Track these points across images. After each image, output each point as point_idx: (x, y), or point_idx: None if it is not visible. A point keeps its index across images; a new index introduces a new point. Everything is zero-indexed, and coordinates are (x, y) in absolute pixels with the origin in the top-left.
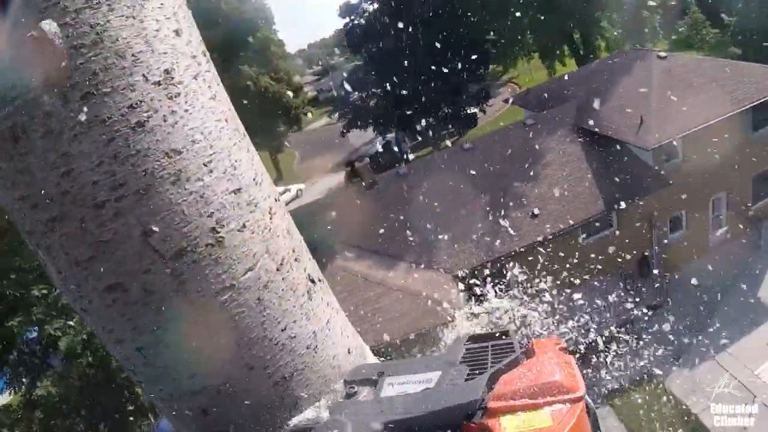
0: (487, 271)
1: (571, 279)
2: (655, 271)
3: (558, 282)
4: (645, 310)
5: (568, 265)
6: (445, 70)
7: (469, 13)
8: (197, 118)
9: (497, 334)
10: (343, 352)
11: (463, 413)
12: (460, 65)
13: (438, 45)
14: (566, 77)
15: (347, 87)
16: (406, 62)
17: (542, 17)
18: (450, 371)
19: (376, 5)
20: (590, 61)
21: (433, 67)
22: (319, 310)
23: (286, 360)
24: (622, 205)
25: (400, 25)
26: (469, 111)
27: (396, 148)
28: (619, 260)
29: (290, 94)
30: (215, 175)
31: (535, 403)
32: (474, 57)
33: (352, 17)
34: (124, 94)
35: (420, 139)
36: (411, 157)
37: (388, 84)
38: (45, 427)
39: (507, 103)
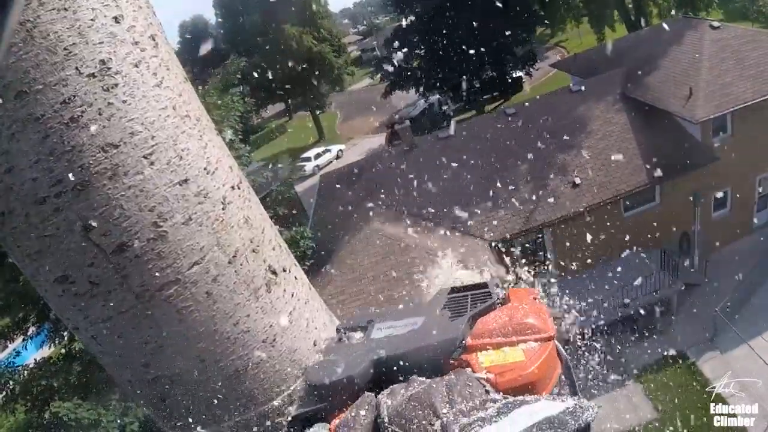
0: (522, 240)
1: (609, 252)
2: (695, 249)
3: (595, 254)
4: (681, 288)
5: (606, 238)
6: (491, 32)
7: None
8: (137, 108)
9: (476, 285)
10: (307, 345)
11: (446, 349)
12: (506, 27)
13: (484, 5)
14: (615, 43)
15: (390, 47)
16: (450, 23)
17: None
18: (433, 316)
19: None
20: (641, 27)
21: (478, 29)
22: (280, 302)
23: (239, 354)
24: (666, 178)
25: None
26: (514, 75)
27: (438, 112)
28: (660, 236)
29: (333, 54)
30: (157, 167)
31: (509, 341)
32: (521, 19)
33: None
34: (56, 90)
35: (463, 102)
36: (453, 121)
37: (432, 45)
38: (82, 379)
39: (554, 67)
